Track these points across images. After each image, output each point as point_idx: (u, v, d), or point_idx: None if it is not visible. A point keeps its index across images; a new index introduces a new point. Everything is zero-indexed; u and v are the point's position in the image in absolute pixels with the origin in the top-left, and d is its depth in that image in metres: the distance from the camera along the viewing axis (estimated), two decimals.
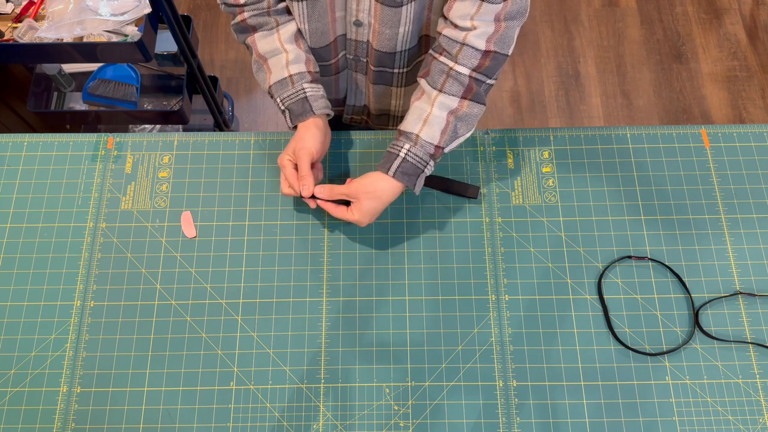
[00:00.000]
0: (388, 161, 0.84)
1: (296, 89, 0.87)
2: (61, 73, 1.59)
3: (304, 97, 0.87)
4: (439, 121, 0.83)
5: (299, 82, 0.87)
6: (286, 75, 0.87)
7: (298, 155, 0.85)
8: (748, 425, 0.82)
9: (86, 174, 0.97)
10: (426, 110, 0.84)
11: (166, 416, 0.84)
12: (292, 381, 0.85)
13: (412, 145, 0.83)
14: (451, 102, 0.83)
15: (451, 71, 0.82)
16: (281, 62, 0.88)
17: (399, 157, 0.83)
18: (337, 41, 0.93)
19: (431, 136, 0.83)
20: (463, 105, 0.83)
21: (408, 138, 0.84)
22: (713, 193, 0.94)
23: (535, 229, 0.93)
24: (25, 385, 0.86)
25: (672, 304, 0.88)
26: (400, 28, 0.86)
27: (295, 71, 0.88)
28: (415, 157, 0.83)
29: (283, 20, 0.90)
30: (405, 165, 0.83)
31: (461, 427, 0.83)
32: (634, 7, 2.21)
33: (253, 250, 0.92)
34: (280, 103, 0.88)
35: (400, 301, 0.89)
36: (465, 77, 0.82)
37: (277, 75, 0.88)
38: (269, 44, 0.89)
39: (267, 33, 0.90)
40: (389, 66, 0.95)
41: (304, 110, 0.87)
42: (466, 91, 0.83)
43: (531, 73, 2.11)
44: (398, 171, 0.83)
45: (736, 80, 2.08)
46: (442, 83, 0.83)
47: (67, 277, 0.91)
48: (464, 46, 0.81)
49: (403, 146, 0.83)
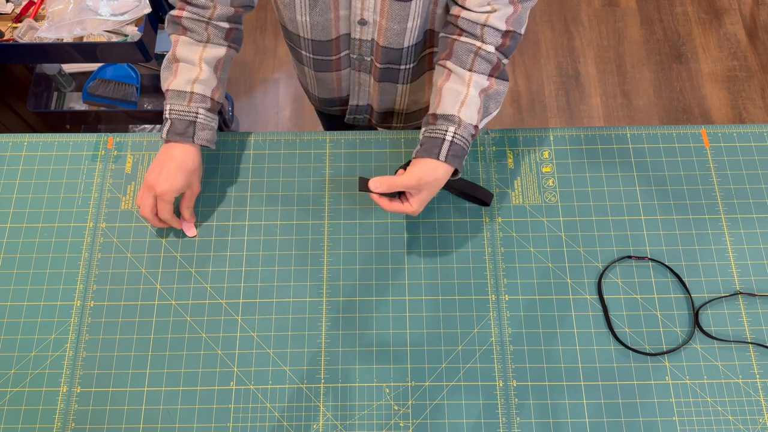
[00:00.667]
0: (435, 146, 0.82)
1: (190, 108, 0.86)
2: (61, 73, 1.59)
3: (193, 121, 0.86)
4: (475, 101, 0.83)
5: (197, 103, 0.87)
6: (189, 90, 0.86)
7: (193, 188, 0.89)
8: (748, 425, 0.82)
9: (86, 174, 0.97)
10: (462, 91, 0.83)
11: (166, 416, 0.84)
12: (292, 381, 0.85)
13: (457, 127, 0.82)
14: (482, 81, 0.84)
15: (479, 50, 0.84)
16: (191, 75, 0.87)
17: (447, 141, 0.82)
18: (340, 40, 0.92)
19: (470, 117, 0.83)
20: (492, 83, 0.85)
21: (450, 121, 0.82)
22: (713, 193, 0.94)
23: (535, 229, 0.93)
24: (25, 385, 0.86)
25: (672, 304, 0.88)
26: (409, 23, 0.86)
27: (199, 91, 0.87)
28: (462, 139, 0.82)
29: (216, 40, 0.89)
30: (454, 148, 0.82)
31: (461, 427, 0.83)
32: (634, 7, 2.21)
33: (253, 250, 0.92)
34: (168, 110, 0.87)
35: (400, 301, 0.89)
36: (492, 55, 0.84)
37: (179, 83, 0.87)
38: (188, 53, 0.88)
39: (193, 43, 0.88)
40: (396, 62, 0.95)
41: (186, 133, 0.86)
42: (494, 69, 0.84)
43: (531, 73, 2.11)
44: (449, 154, 0.81)
45: (736, 80, 2.08)
46: (471, 63, 0.84)
47: (67, 277, 0.91)
48: (486, 26, 0.83)
49: (447, 129, 0.82)
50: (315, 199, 0.95)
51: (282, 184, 0.96)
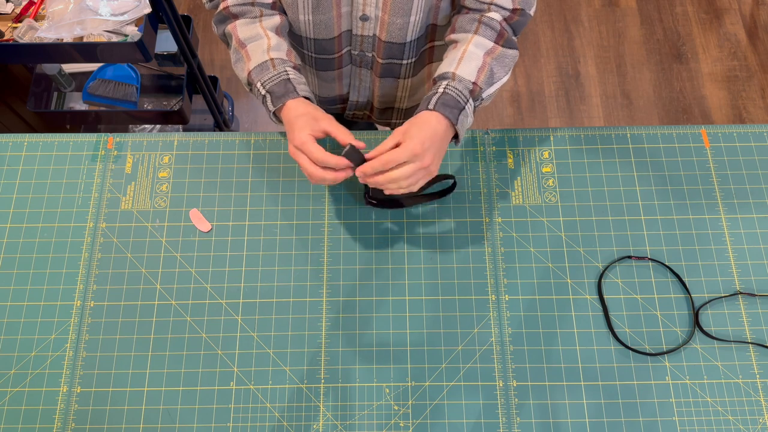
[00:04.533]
0: (427, 100, 0.80)
1: (278, 71, 0.83)
2: (61, 73, 1.59)
3: (287, 78, 0.83)
4: (474, 57, 0.81)
5: (281, 65, 0.83)
6: (267, 58, 0.84)
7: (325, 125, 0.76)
8: (748, 425, 0.82)
9: (86, 174, 0.97)
10: (461, 50, 0.82)
11: (166, 416, 0.84)
12: (292, 381, 0.85)
13: (450, 80, 0.80)
14: (486, 42, 0.83)
15: (482, 18, 0.83)
16: (262, 47, 0.85)
17: (437, 93, 0.79)
18: (342, 37, 0.93)
19: (468, 73, 0.80)
20: (497, 47, 0.83)
21: (444, 77, 0.81)
22: (713, 193, 0.94)
23: (535, 229, 0.93)
24: (25, 385, 0.86)
25: (672, 304, 0.88)
26: (411, 17, 0.86)
27: (277, 56, 0.84)
28: (454, 89, 0.79)
29: (267, 12, 0.88)
30: (445, 97, 0.78)
31: (461, 427, 0.83)
32: (634, 7, 2.21)
33: (253, 250, 0.92)
34: (260, 87, 0.83)
35: (400, 301, 0.89)
36: (496, 23, 0.83)
37: (257, 60, 0.84)
38: (250, 30, 0.86)
39: (249, 21, 0.87)
40: (398, 57, 0.95)
41: (287, 90, 0.81)
42: (499, 36, 0.83)
43: (531, 73, 2.11)
44: (438, 102, 0.78)
45: (736, 80, 2.08)
46: (475, 29, 0.83)
47: (67, 277, 0.91)
48: (493, 5, 0.83)
49: (441, 84, 0.81)
50: (315, 199, 0.95)
51: (282, 184, 0.96)
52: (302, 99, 0.82)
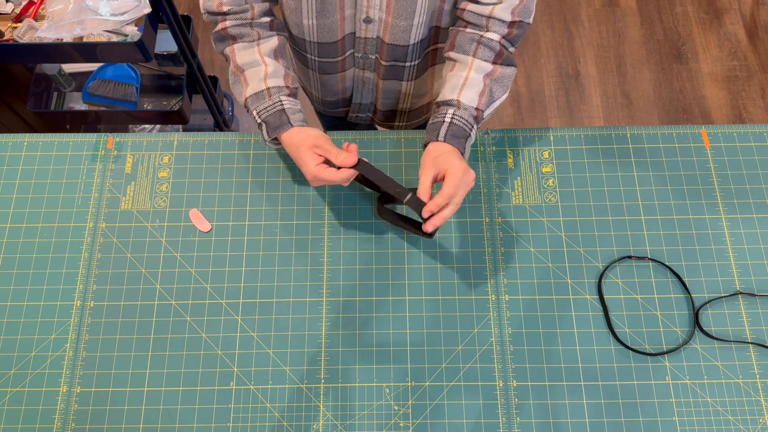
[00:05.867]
0: (435, 129, 0.84)
1: (273, 101, 0.86)
2: (61, 73, 1.59)
3: (281, 110, 0.86)
4: (476, 83, 0.85)
5: (276, 94, 0.86)
6: (264, 87, 0.86)
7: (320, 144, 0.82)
8: (748, 425, 0.82)
9: (86, 174, 0.97)
10: (462, 76, 0.85)
11: (166, 416, 0.84)
12: (292, 381, 0.85)
13: (456, 109, 0.84)
14: (485, 65, 0.86)
15: (482, 39, 0.85)
16: (259, 75, 0.87)
17: (445, 123, 0.84)
18: (345, 40, 0.93)
19: (471, 99, 0.84)
20: (496, 69, 0.86)
21: (449, 104, 0.85)
22: (713, 193, 0.94)
23: (535, 229, 0.93)
24: (25, 385, 0.86)
25: (672, 304, 0.88)
26: (415, 19, 0.87)
27: (273, 84, 0.86)
28: (461, 119, 0.84)
29: (265, 34, 0.89)
30: (453, 128, 0.84)
31: (461, 427, 0.83)
32: (634, 7, 2.21)
33: (253, 250, 0.92)
34: (256, 116, 0.87)
35: (400, 301, 0.89)
36: (495, 43, 0.85)
37: (254, 87, 0.87)
38: (248, 56, 0.88)
39: (247, 45, 0.89)
40: (402, 60, 0.95)
41: (282, 122, 0.85)
42: (497, 56, 0.86)
43: (531, 73, 2.11)
44: (448, 134, 0.83)
45: (736, 80, 2.08)
46: (474, 50, 0.86)
47: (67, 277, 0.91)
48: (491, 18, 0.84)
49: (447, 113, 0.85)
50: (315, 199, 0.95)
51: (282, 184, 0.96)
52: (295, 128, 0.85)
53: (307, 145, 0.83)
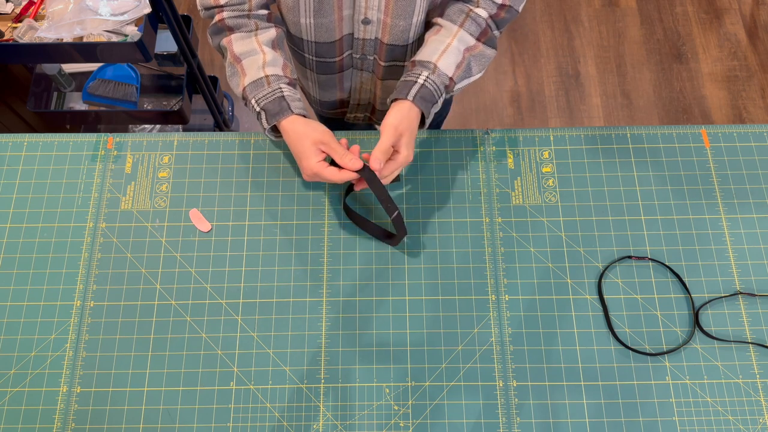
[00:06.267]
0: (406, 87, 0.84)
1: (272, 88, 0.84)
2: (61, 73, 1.59)
3: (281, 96, 0.83)
4: (455, 53, 0.85)
5: (276, 82, 0.84)
6: (262, 75, 0.84)
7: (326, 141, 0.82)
8: (748, 425, 0.82)
9: (86, 174, 0.97)
10: (445, 42, 0.85)
11: (166, 416, 0.84)
12: (292, 381, 0.85)
13: (431, 72, 0.84)
14: (469, 39, 0.86)
15: (470, 12, 0.86)
16: (257, 63, 0.85)
17: (417, 84, 0.84)
18: (343, 40, 0.92)
19: (447, 67, 0.85)
20: (478, 45, 0.87)
21: (425, 66, 0.85)
22: (713, 193, 0.94)
23: (535, 229, 0.93)
24: (25, 385, 0.86)
25: (672, 304, 0.88)
26: (414, 18, 0.87)
27: (272, 73, 0.84)
28: (433, 84, 0.84)
29: (263, 25, 0.88)
30: (424, 91, 0.84)
31: (461, 427, 0.83)
32: (634, 7, 2.21)
33: (253, 250, 0.92)
34: (255, 104, 0.84)
35: (400, 301, 0.89)
36: (482, 20, 0.86)
37: (252, 76, 0.84)
38: (246, 45, 0.86)
39: (245, 35, 0.87)
40: (401, 59, 0.95)
41: (282, 108, 0.83)
42: (482, 33, 0.87)
43: (531, 73, 2.11)
44: (417, 96, 0.83)
45: (736, 80, 2.08)
46: (461, 21, 0.86)
47: (67, 277, 0.91)
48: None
49: (420, 74, 0.84)
50: (315, 199, 0.95)
51: (282, 184, 0.96)
52: (297, 117, 0.84)
53: (311, 139, 0.82)
